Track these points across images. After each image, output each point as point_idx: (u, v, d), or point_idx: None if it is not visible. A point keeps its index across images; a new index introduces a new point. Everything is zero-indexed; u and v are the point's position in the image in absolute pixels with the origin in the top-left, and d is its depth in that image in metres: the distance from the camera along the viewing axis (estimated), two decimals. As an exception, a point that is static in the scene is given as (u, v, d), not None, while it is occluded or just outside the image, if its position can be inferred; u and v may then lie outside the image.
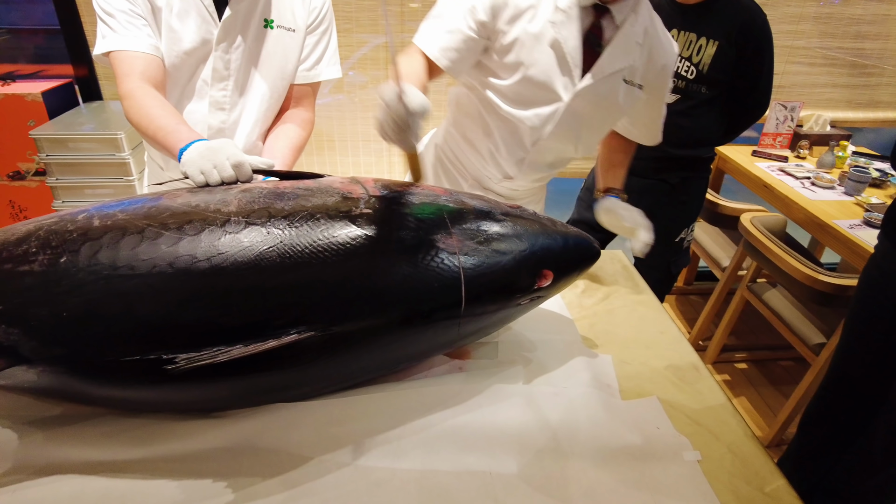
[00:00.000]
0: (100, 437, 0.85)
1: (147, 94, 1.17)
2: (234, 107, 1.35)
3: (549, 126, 1.31)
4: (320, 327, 0.78)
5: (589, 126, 1.34)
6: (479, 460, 0.87)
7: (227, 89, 1.32)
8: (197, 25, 1.25)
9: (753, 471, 0.92)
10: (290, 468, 0.84)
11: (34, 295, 0.76)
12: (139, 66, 1.20)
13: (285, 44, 1.34)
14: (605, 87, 1.27)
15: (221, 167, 0.96)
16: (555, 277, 0.95)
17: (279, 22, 1.32)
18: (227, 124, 1.36)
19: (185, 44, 1.26)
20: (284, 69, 1.37)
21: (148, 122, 1.14)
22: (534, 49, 1.24)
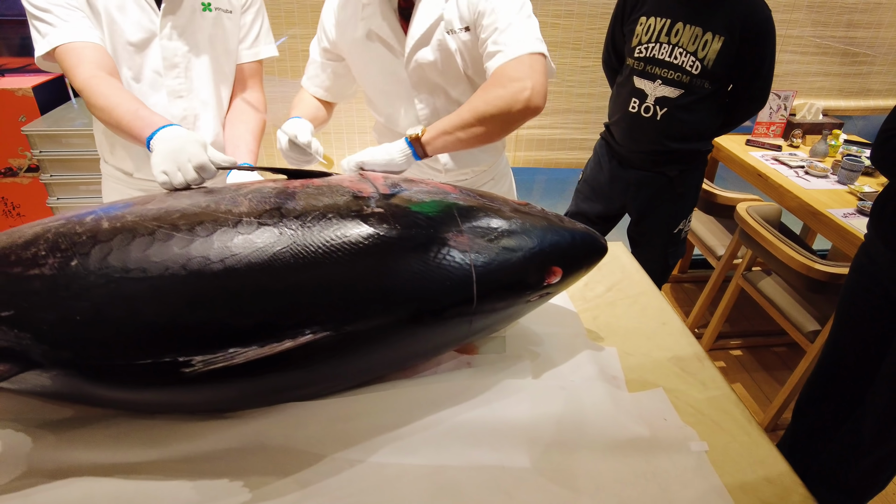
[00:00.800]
0: (111, 438, 0.86)
1: (103, 81, 1.16)
2: (190, 93, 1.36)
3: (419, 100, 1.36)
4: (334, 327, 0.79)
5: (451, 84, 1.34)
6: (490, 455, 0.88)
7: (180, 76, 1.34)
8: (137, 16, 1.26)
9: (758, 459, 0.93)
10: (301, 466, 0.84)
11: (44, 299, 0.76)
12: (89, 55, 1.18)
13: (224, 25, 1.37)
14: (431, 48, 1.28)
15: (185, 170, 0.96)
16: (563, 274, 0.95)
17: (216, 4, 1.34)
18: (188, 111, 1.37)
19: (128, 35, 1.26)
20: (228, 50, 1.40)
21: (110, 111, 1.13)
22: (361, 52, 1.33)
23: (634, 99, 1.94)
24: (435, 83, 1.34)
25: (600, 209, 2.21)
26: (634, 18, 1.93)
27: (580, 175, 2.30)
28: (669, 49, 1.85)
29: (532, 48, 1.16)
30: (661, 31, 1.86)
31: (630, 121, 1.98)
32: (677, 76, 1.85)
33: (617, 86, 2.07)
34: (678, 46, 1.83)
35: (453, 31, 1.27)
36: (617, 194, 2.13)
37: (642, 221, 2.15)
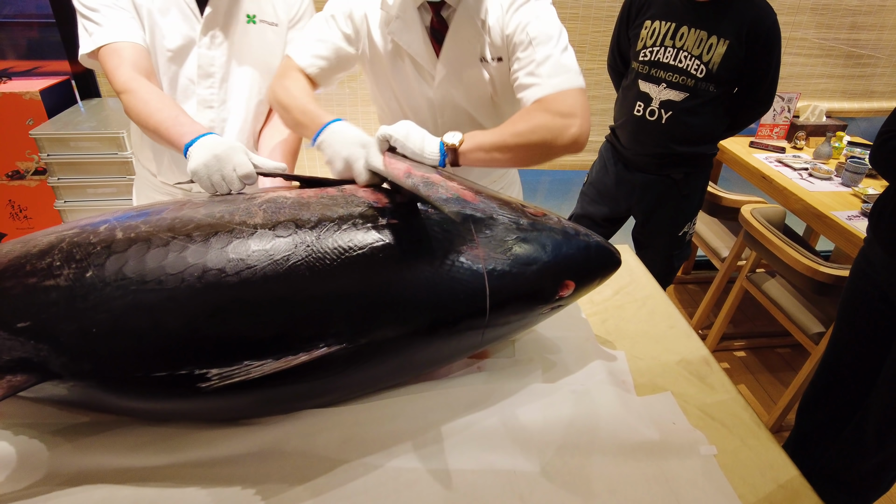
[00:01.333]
0: (128, 445, 0.86)
1: (143, 86, 1.15)
2: (222, 104, 1.34)
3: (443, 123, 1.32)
4: (349, 339, 0.79)
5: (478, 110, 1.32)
6: (504, 459, 0.89)
7: (213, 87, 1.31)
8: (179, 22, 1.25)
9: (767, 463, 0.94)
10: (318, 473, 0.85)
11: (61, 310, 0.77)
12: (129, 56, 1.17)
13: (268, 39, 1.34)
14: (462, 70, 1.25)
15: (230, 179, 0.97)
16: (576, 287, 0.96)
17: (261, 17, 1.31)
18: (216, 122, 1.35)
19: (168, 41, 1.25)
20: (269, 64, 1.36)
21: (148, 116, 1.12)
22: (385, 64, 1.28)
23: (639, 102, 1.95)
24: (460, 107, 1.32)
25: (606, 212, 2.22)
26: (640, 22, 1.94)
27: (585, 177, 2.31)
28: (674, 53, 1.85)
29: (578, 83, 1.16)
30: (666, 35, 1.86)
31: (635, 124, 1.98)
32: (682, 80, 1.86)
33: (622, 89, 2.08)
34: (683, 50, 1.84)
35: (486, 60, 1.25)
36: (622, 197, 2.14)
37: (647, 224, 2.16)
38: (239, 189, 0.98)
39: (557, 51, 1.18)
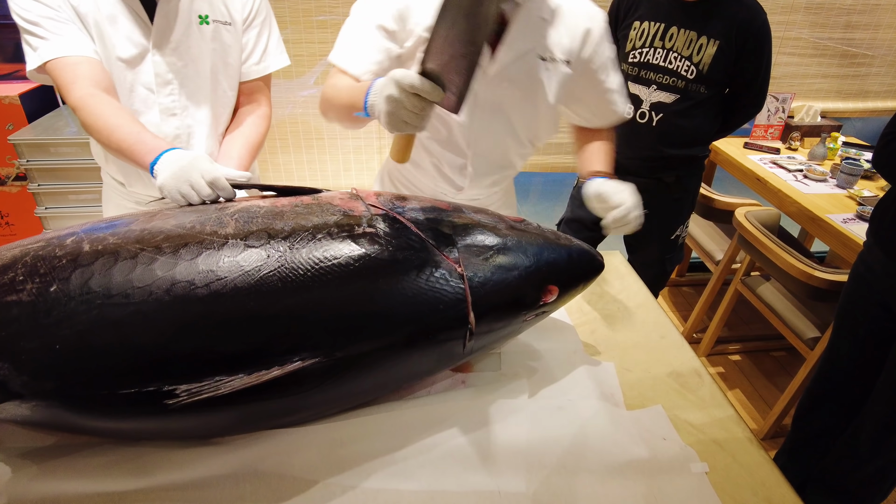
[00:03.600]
0: (96, 468, 0.83)
1: (101, 101, 1.11)
2: (185, 110, 1.30)
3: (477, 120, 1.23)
4: (324, 353, 0.76)
5: (518, 112, 1.25)
6: (487, 479, 0.85)
7: (174, 93, 1.28)
8: (129, 30, 1.20)
9: (759, 481, 0.91)
10: (294, 493, 0.82)
11: (23, 326, 0.73)
12: (84, 71, 1.13)
13: (224, 39, 1.30)
14: (518, 68, 1.19)
15: (199, 187, 0.94)
16: (560, 292, 0.93)
17: (214, 17, 1.27)
18: (182, 129, 1.31)
19: (120, 50, 1.20)
20: (228, 65, 1.33)
21: (109, 134, 1.08)
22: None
23: (629, 105, 1.92)
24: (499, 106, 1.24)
25: (596, 215, 2.19)
26: (628, 23, 1.91)
27: (576, 180, 2.28)
28: (664, 54, 1.83)
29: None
30: (656, 36, 1.84)
31: (626, 127, 1.95)
32: (672, 81, 1.83)
33: (613, 91, 2.05)
34: (673, 51, 1.81)
35: (551, 59, 1.20)
36: (614, 200, 2.11)
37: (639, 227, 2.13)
38: (210, 196, 0.95)
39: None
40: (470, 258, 0.86)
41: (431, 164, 1.34)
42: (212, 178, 0.95)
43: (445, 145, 1.29)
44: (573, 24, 1.21)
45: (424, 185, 1.40)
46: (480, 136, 1.26)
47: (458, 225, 0.90)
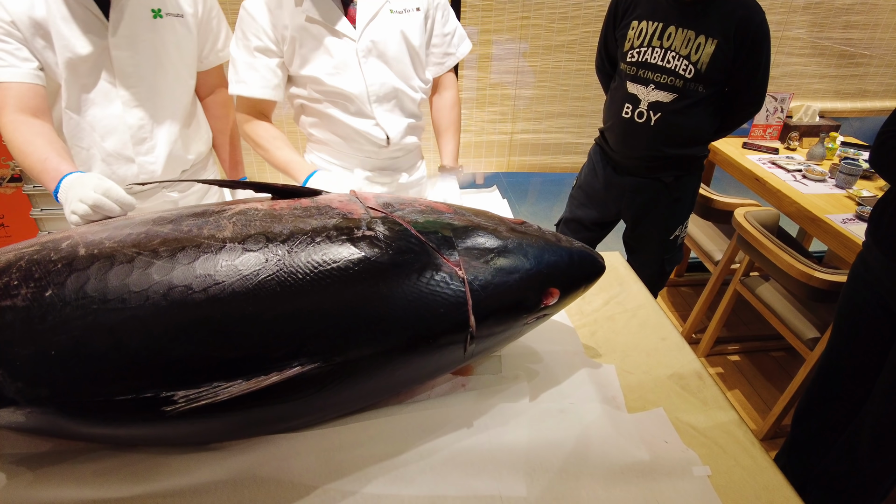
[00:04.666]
0: (93, 474, 0.82)
1: (19, 127, 1.16)
2: (147, 101, 1.35)
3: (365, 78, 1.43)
4: (324, 358, 0.75)
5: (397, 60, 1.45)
6: (488, 484, 0.85)
7: (135, 86, 1.32)
8: (85, 27, 1.23)
9: (762, 484, 0.91)
10: (293, 499, 0.81)
11: (17, 332, 0.72)
12: (12, 97, 1.18)
13: (178, 31, 1.36)
14: (379, 26, 1.40)
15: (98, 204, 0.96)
16: (561, 294, 0.92)
17: (167, 10, 1.32)
18: (145, 120, 1.36)
19: (77, 48, 1.23)
20: (185, 56, 1.39)
21: (22, 159, 1.14)
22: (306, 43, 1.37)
23: (628, 104, 1.91)
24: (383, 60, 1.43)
25: (595, 215, 2.18)
26: (626, 23, 1.90)
27: (575, 181, 2.27)
28: (662, 53, 1.82)
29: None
30: (654, 35, 1.83)
31: (624, 126, 1.95)
32: (670, 80, 1.82)
33: (610, 91, 2.04)
34: (671, 50, 1.80)
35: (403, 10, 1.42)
36: (612, 200, 2.11)
37: (638, 228, 2.13)
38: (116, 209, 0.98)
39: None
40: (470, 261, 0.85)
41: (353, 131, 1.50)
42: (105, 188, 0.97)
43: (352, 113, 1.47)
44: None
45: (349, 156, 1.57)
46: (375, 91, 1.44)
47: (458, 227, 0.89)
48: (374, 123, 1.48)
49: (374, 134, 1.49)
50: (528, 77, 2.55)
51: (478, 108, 2.60)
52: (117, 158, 1.37)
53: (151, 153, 1.39)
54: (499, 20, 2.41)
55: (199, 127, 1.53)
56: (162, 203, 1.50)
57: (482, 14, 2.38)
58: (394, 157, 1.58)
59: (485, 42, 2.45)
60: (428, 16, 1.49)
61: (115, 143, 1.35)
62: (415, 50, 1.47)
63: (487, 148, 2.71)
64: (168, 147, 1.41)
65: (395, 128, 1.51)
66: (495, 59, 2.50)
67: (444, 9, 1.53)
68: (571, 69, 2.52)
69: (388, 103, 1.48)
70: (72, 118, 1.31)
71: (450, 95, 1.62)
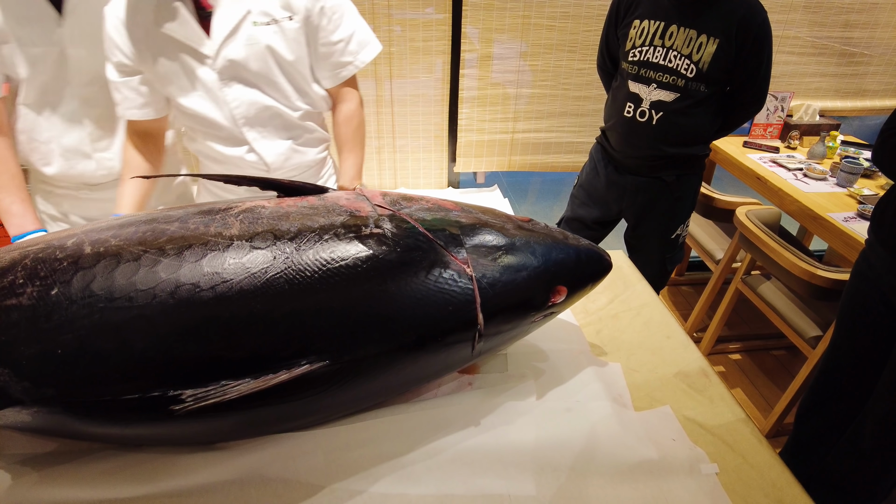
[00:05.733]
0: (99, 474, 0.81)
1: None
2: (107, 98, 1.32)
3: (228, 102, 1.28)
4: (332, 356, 0.75)
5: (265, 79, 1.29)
6: (495, 482, 0.84)
7: (94, 84, 1.32)
8: (41, 28, 1.23)
9: (770, 481, 0.91)
10: (300, 498, 0.81)
11: (22, 331, 0.72)
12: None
13: None
14: (243, 41, 1.23)
15: None
16: (568, 292, 0.92)
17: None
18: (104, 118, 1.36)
19: (34, 49, 1.23)
20: None
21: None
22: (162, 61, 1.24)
23: (629, 103, 1.91)
24: (246, 80, 1.28)
25: (597, 214, 2.18)
26: (628, 22, 1.90)
27: (576, 179, 2.27)
28: (664, 52, 1.82)
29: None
30: (655, 35, 1.83)
31: (625, 126, 1.95)
32: (672, 80, 1.82)
33: (612, 90, 2.04)
34: (672, 49, 1.80)
35: (271, 21, 1.24)
36: (613, 199, 2.10)
37: (639, 227, 2.12)
38: None
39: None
40: (478, 259, 0.85)
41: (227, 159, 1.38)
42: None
43: (222, 140, 1.35)
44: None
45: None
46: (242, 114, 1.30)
47: (466, 225, 0.88)
48: (247, 150, 1.36)
49: (249, 160, 1.37)
50: (528, 76, 2.55)
51: (479, 107, 2.59)
52: (75, 154, 1.38)
53: (109, 149, 1.40)
54: (500, 19, 2.40)
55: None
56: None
57: (483, 13, 2.38)
58: (289, 177, 1.41)
59: (486, 41, 2.45)
60: (309, 23, 1.29)
61: (73, 139, 1.36)
62: (289, 64, 1.30)
63: (488, 147, 2.70)
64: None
65: (274, 151, 1.37)
66: (496, 59, 2.49)
67: (333, 13, 1.31)
68: (572, 68, 2.52)
69: (262, 126, 1.34)
70: (29, 114, 1.31)
71: (347, 109, 1.42)
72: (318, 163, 1.52)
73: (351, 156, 1.42)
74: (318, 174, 1.54)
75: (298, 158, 1.43)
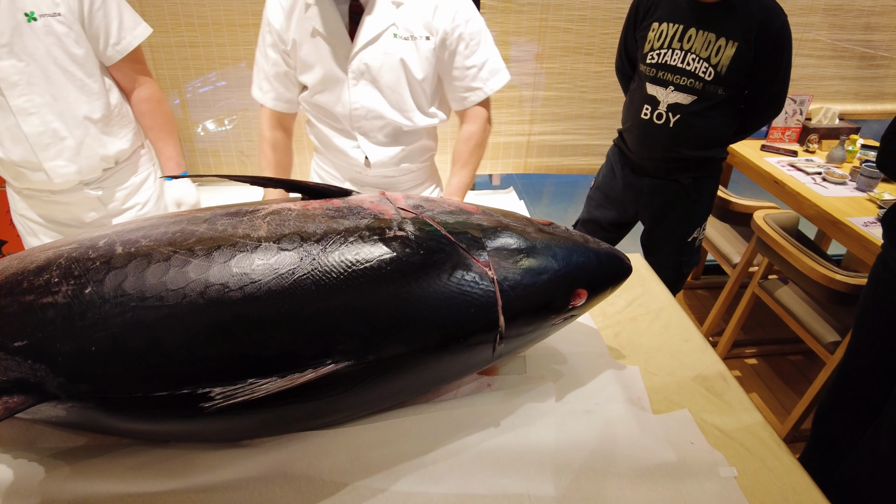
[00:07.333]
0: (128, 469, 0.83)
1: None
2: (43, 108, 1.32)
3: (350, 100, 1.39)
4: (357, 356, 0.76)
5: (389, 89, 1.38)
6: (515, 482, 0.85)
7: (25, 93, 1.30)
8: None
9: (790, 486, 0.91)
10: (323, 496, 0.82)
11: (58, 329, 0.74)
12: None
13: (56, 31, 1.30)
14: (378, 50, 1.33)
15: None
16: (589, 296, 0.93)
17: (40, 11, 1.28)
18: (44, 126, 1.34)
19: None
20: (74, 55, 1.34)
21: None
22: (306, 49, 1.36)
23: (647, 106, 1.92)
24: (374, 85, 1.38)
25: (613, 216, 2.18)
26: (647, 24, 1.90)
27: (592, 181, 2.27)
28: (682, 55, 1.82)
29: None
30: (674, 38, 1.83)
31: (642, 128, 1.95)
32: (690, 82, 1.82)
33: (630, 92, 2.04)
34: (691, 52, 1.80)
35: (409, 37, 1.34)
36: (630, 202, 2.11)
37: (655, 229, 2.12)
38: None
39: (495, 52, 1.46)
40: (500, 261, 0.86)
41: (338, 148, 1.50)
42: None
43: (337, 128, 1.47)
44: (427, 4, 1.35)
45: (344, 169, 1.57)
46: (360, 115, 1.41)
47: (487, 228, 0.89)
48: (354, 145, 1.46)
49: (352, 155, 1.47)
50: (545, 79, 2.56)
51: (495, 109, 2.60)
52: (25, 166, 1.37)
53: (60, 157, 1.38)
54: (517, 22, 2.41)
55: (120, 126, 1.50)
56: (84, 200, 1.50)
57: (501, 16, 2.39)
58: (388, 176, 1.53)
59: (503, 44, 2.46)
60: (446, 46, 1.37)
61: (19, 152, 1.35)
62: (416, 81, 1.38)
63: (504, 149, 2.71)
64: (77, 150, 1.39)
65: (379, 154, 1.46)
66: (513, 61, 2.50)
67: (471, 39, 1.39)
68: (590, 71, 2.52)
69: (374, 130, 1.43)
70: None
71: (469, 129, 1.49)
72: (421, 170, 1.61)
73: (462, 172, 1.50)
74: (418, 181, 1.63)
75: (401, 163, 1.51)
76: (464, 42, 1.38)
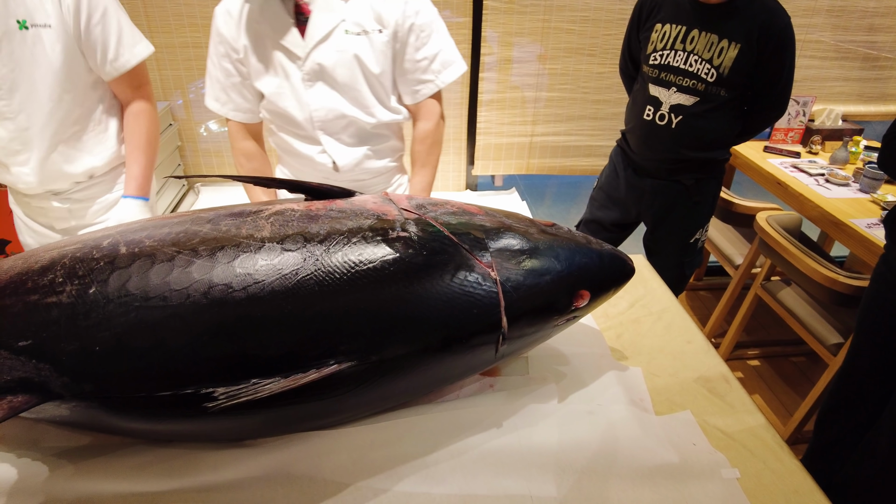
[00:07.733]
0: (131, 468, 0.84)
1: None
2: (19, 115, 1.33)
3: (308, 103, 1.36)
4: (360, 356, 0.77)
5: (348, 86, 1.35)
6: (517, 483, 0.85)
7: (3, 98, 1.30)
8: None
9: (792, 488, 0.90)
10: (325, 496, 0.82)
11: (62, 329, 0.74)
12: None
13: (45, 42, 1.30)
14: (334, 47, 1.31)
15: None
16: (591, 297, 0.93)
17: (32, 21, 1.27)
18: (16, 133, 1.34)
19: None
20: (56, 69, 1.33)
21: None
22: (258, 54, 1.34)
23: (649, 107, 1.92)
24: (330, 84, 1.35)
25: (615, 217, 2.18)
26: (650, 25, 1.91)
27: (595, 182, 2.27)
28: (685, 56, 1.82)
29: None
30: (677, 39, 1.83)
31: (645, 129, 1.95)
32: (692, 84, 1.82)
33: (633, 93, 2.04)
34: (693, 54, 1.80)
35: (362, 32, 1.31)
36: (632, 202, 2.11)
37: (658, 230, 2.12)
38: None
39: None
40: (502, 262, 0.86)
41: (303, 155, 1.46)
42: None
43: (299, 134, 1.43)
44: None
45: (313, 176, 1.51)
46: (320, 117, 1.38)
47: (490, 229, 0.90)
48: (320, 150, 1.42)
49: (319, 161, 1.43)
50: (547, 80, 2.56)
51: (498, 110, 2.61)
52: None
53: (26, 165, 1.38)
54: (520, 23, 2.42)
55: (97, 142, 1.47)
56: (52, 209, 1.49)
57: (503, 17, 2.39)
58: (357, 179, 1.50)
59: (506, 45, 2.46)
60: (397, 38, 1.34)
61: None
62: (373, 76, 1.35)
63: (507, 150, 2.72)
64: (41, 161, 1.38)
65: (347, 156, 1.42)
66: (516, 62, 2.51)
67: (421, 30, 1.35)
68: (592, 72, 2.52)
69: (338, 130, 1.40)
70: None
71: (423, 127, 1.46)
72: (390, 170, 1.57)
73: (423, 172, 1.49)
74: (388, 181, 1.58)
75: (369, 165, 1.48)
76: (414, 34, 1.35)
